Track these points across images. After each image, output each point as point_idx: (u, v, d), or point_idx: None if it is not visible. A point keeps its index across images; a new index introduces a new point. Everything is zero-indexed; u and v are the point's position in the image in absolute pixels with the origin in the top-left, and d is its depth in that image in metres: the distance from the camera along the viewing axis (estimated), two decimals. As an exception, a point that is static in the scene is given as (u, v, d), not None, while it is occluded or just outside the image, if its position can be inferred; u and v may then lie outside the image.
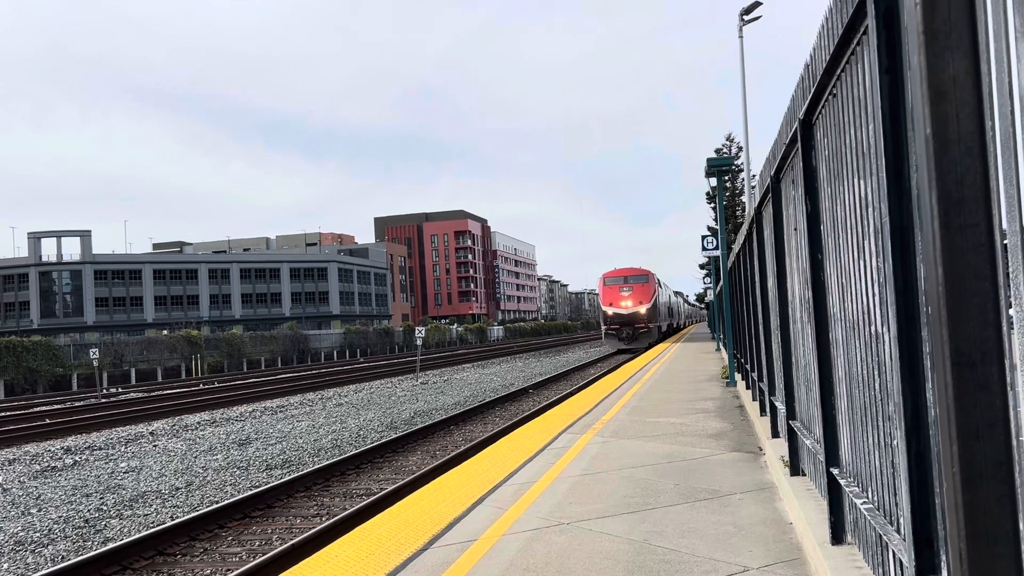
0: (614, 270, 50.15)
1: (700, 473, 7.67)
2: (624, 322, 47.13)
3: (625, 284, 48.29)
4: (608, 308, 48.24)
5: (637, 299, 47.23)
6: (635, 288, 47.88)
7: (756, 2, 23.20)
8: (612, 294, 48.36)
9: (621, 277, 49.00)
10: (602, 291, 49.45)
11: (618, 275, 49.35)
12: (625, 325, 47.08)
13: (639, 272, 49.55)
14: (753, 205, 9.47)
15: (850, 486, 4.08)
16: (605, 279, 49.60)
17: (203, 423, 21.51)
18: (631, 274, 49.25)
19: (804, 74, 4.55)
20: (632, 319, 47.01)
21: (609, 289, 48.91)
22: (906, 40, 2.35)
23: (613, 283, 48.93)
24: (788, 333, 6.64)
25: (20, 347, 50.21)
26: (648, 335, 46.84)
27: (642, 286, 48.04)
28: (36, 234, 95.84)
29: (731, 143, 55.42)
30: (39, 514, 11.07)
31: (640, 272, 49.46)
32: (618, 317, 47.35)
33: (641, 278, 48.71)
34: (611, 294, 48.43)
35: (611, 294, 48.43)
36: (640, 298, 47.24)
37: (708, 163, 17.30)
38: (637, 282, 48.31)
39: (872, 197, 3.23)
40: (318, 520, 9.62)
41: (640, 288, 47.86)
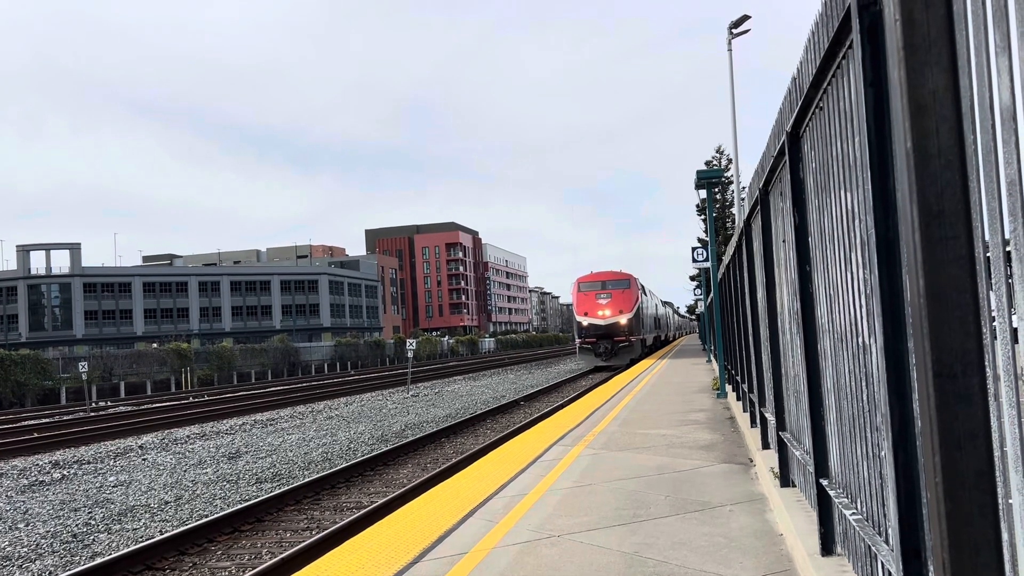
0: (590, 274, 43.53)
1: (691, 485, 7.67)
2: (602, 334, 40.68)
3: (603, 290, 41.72)
4: (583, 318, 41.59)
5: (617, 307, 40.77)
6: (614, 295, 41.30)
7: (744, 16, 23.35)
8: (587, 302, 41.80)
9: (598, 282, 42.35)
10: (576, 298, 42.84)
11: (594, 279, 42.73)
12: (603, 338, 40.64)
13: (619, 276, 42.86)
14: (742, 217, 9.51)
15: (839, 497, 4.09)
16: (580, 284, 42.91)
17: (193, 436, 21.40)
18: (610, 278, 42.58)
19: (791, 87, 4.59)
20: (611, 331, 40.52)
21: (584, 296, 42.23)
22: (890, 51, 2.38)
23: (589, 289, 42.30)
24: (777, 344, 6.66)
25: (8, 360, 49.87)
26: (629, 350, 40.54)
27: (623, 292, 41.48)
28: (25, 247, 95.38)
29: (721, 155, 55.75)
30: (26, 529, 10.99)
31: (620, 276, 42.81)
32: (594, 329, 40.78)
33: (621, 283, 42.10)
34: (586, 302, 41.89)
35: (586, 302, 41.89)
36: (620, 306, 40.79)
37: (698, 175, 17.38)
38: (617, 288, 41.73)
39: (858, 209, 3.25)
40: (308, 534, 9.58)
41: (620, 295, 41.32)
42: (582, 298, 42.02)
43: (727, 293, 15.37)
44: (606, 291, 41.44)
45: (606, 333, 40.44)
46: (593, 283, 42.29)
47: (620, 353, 40.13)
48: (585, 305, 41.51)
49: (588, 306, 41.29)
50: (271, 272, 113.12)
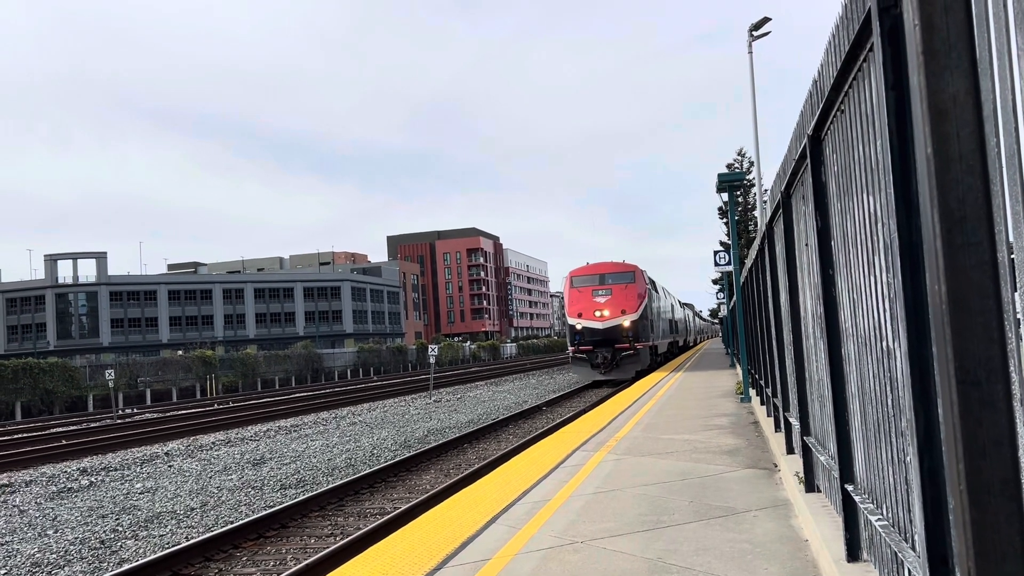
0: (586, 266, 35.57)
1: (715, 490, 7.62)
2: (599, 341, 32.82)
3: (601, 286, 33.87)
4: (576, 320, 33.57)
5: (618, 307, 33.01)
6: (616, 291, 33.50)
7: (765, 18, 23.25)
8: (582, 300, 34.01)
9: (595, 276, 34.44)
10: (568, 296, 34.76)
11: (591, 272, 34.79)
12: (601, 345, 32.80)
13: (621, 268, 34.82)
14: (764, 220, 9.46)
15: (865, 503, 4.05)
16: (572, 279, 34.90)
17: (218, 443, 21.56)
18: (610, 271, 34.56)
19: (812, 90, 4.56)
20: (611, 336, 32.72)
21: (578, 293, 34.33)
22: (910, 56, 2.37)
23: (583, 284, 34.37)
24: (801, 348, 6.62)
25: (37, 369, 50.55)
26: (635, 360, 32.71)
27: (625, 288, 33.60)
28: (53, 256, 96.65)
29: (743, 158, 55.47)
30: (55, 535, 11.11)
31: (623, 268, 34.79)
32: (590, 334, 33.02)
33: (624, 276, 34.11)
34: (580, 300, 34.08)
35: (580, 300, 34.08)
36: (623, 305, 33.02)
37: (719, 178, 17.30)
38: (619, 282, 33.86)
39: (881, 213, 3.23)
40: (332, 540, 9.62)
41: (623, 291, 33.48)
42: (575, 296, 34.26)
43: (750, 297, 15.28)
44: (605, 287, 33.65)
45: (605, 339, 32.73)
46: (589, 277, 34.37)
47: (623, 364, 32.64)
48: (579, 304, 33.88)
49: (583, 305, 33.69)
50: (294, 279, 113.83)
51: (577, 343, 33.40)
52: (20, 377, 49.19)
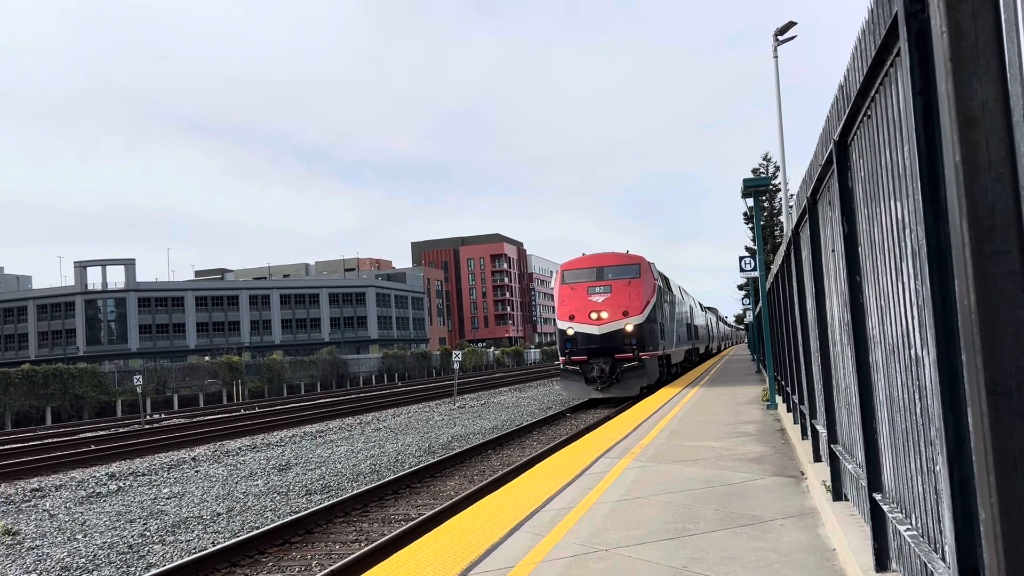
0: (580, 257, 29.27)
1: (741, 498, 7.56)
2: (596, 349, 26.76)
3: (598, 281, 27.64)
4: (567, 324, 27.38)
5: (619, 307, 26.87)
6: (617, 288, 27.28)
7: (790, 22, 23.11)
8: (575, 299, 27.63)
9: (591, 269, 28.12)
10: (559, 294, 28.41)
11: (586, 265, 28.42)
12: (598, 355, 26.70)
13: (624, 259, 28.37)
14: (790, 226, 9.39)
15: (893, 512, 4.00)
16: (564, 273, 28.77)
17: (244, 448, 21.71)
18: (610, 263, 28.24)
19: (838, 95, 4.53)
20: (610, 344, 26.67)
21: (570, 291, 27.94)
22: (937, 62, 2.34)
23: (577, 279, 28.11)
24: (828, 355, 6.56)
25: (67, 374, 51.25)
26: (640, 373, 26.44)
27: (629, 284, 27.36)
28: (82, 263, 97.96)
29: (768, 162, 55.14)
30: (84, 540, 11.24)
31: (626, 259, 28.38)
32: (585, 340, 26.94)
33: (627, 270, 27.82)
34: (573, 299, 27.67)
35: (573, 299, 27.67)
36: (625, 304, 26.87)
37: (744, 183, 17.19)
38: (620, 277, 27.59)
39: (909, 219, 3.19)
40: (357, 546, 9.65)
41: (625, 288, 27.27)
42: (567, 294, 27.89)
43: (776, 303, 15.17)
44: (603, 282, 27.42)
45: (603, 347, 26.63)
46: (584, 271, 28.14)
47: (625, 378, 26.36)
48: (571, 304, 27.49)
49: (576, 305, 27.37)
50: (320, 285, 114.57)
51: (568, 352, 27.00)
52: (50, 382, 49.88)
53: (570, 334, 27.19)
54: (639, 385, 26.50)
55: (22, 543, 11.32)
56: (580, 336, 27.01)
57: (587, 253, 29.47)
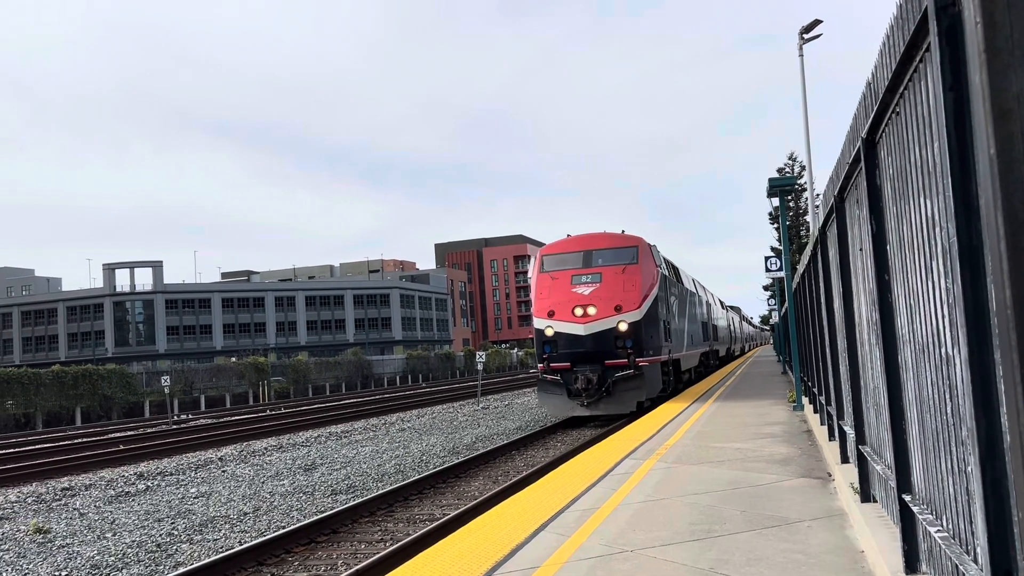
0: (565, 239, 23.37)
1: (767, 499, 7.51)
2: (581, 355, 21.22)
3: (585, 269, 22.05)
4: (545, 322, 21.79)
5: (611, 300, 21.28)
6: (608, 277, 21.67)
7: (816, 20, 22.93)
8: (556, 291, 21.98)
9: (577, 254, 22.52)
10: (536, 285, 22.71)
11: (571, 248, 22.76)
12: (583, 361, 21.19)
13: (618, 241, 22.62)
14: (817, 225, 9.31)
15: (923, 513, 3.95)
16: (543, 259, 23.04)
17: (270, 448, 21.86)
18: (600, 245, 22.56)
19: (866, 92, 4.48)
20: (600, 346, 21.08)
21: (551, 281, 22.28)
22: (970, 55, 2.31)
23: (559, 266, 22.50)
24: (856, 355, 6.49)
25: (96, 375, 51.89)
26: (637, 385, 20.73)
27: (623, 272, 21.65)
28: (110, 265, 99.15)
29: (793, 162, 54.73)
30: (114, 538, 11.36)
31: (620, 241, 22.61)
32: (568, 343, 21.42)
33: (621, 254, 22.21)
34: (555, 291, 22.01)
35: (555, 291, 22.01)
36: (618, 298, 21.30)
37: (770, 183, 17.07)
38: (613, 263, 21.99)
39: (939, 216, 3.15)
40: (382, 546, 9.68)
41: (619, 277, 21.60)
42: (546, 285, 22.16)
43: (802, 303, 15.05)
44: (591, 270, 21.85)
45: (590, 351, 21.05)
46: (568, 256, 22.52)
47: (618, 391, 20.66)
48: (551, 297, 21.82)
49: (556, 299, 21.70)
50: (344, 287, 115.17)
51: (547, 357, 21.33)
52: (80, 383, 50.53)
53: (549, 335, 21.48)
54: (635, 399, 20.56)
55: (53, 541, 11.47)
56: (562, 337, 21.33)
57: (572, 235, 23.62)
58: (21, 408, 47.57)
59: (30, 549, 11.07)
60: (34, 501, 15.32)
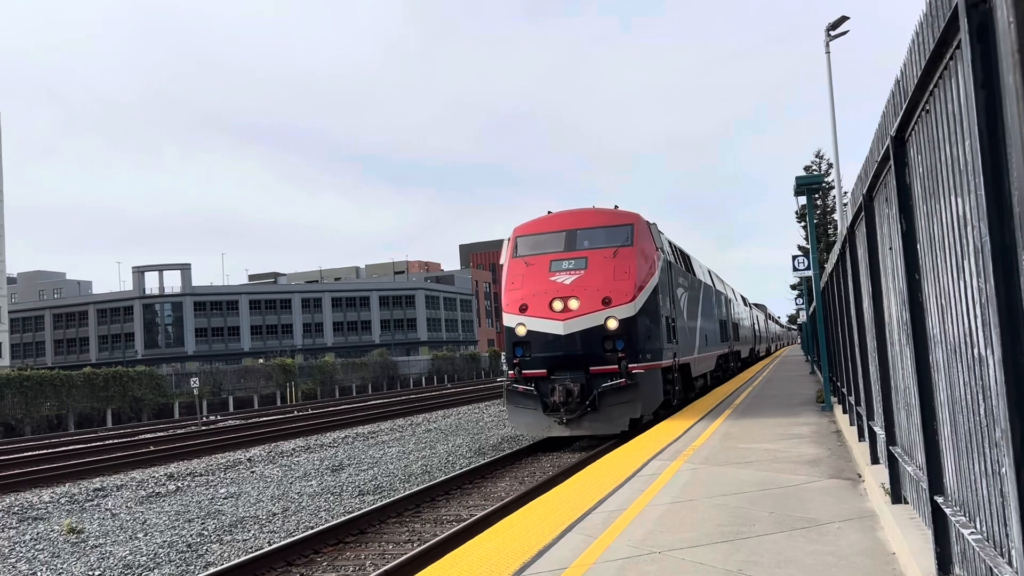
0: (545, 217, 19.21)
1: (796, 501, 7.45)
2: (559, 359, 16.87)
3: (566, 253, 17.80)
4: (517, 318, 17.32)
5: (598, 290, 16.90)
6: (595, 262, 17.33)
7: (842, 17, 22.72)
8: (532, 278, 17.63)
9: (559, 234, 18.30)
10: (508, 271, 18.31)
11: (551, 228, 18.56)
12: (562, 367, 16.87)
13: (609, 219, 18.47)
14: (845, 224, 9.23)
15: (956, 515, 3.91)
16: (518, 241, 18.65)
17: (298, 449, 22.02)
18: (587, 223, 18.36)
19: (895, 90, 4.44)
20: (583, 348, 16.71)
21: (524, 268, 17.94)
22: (1003, 55, 2.28)
23: (536, 249, 18.22)
24: (886, 355, 6.43)
25: (126, 377, 52.57)
26: (630, 398, 16.33)
27: (615, 257, 17.26)
28: (140, 268, 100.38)
29: (820, 160, 54.28)
30: (145, 538, 11.50)
31: (612, 219, 18.46)
32: (543, 345, 17.00)
33: (614, 235, 17.87)
34: (530, 278, 17.67)
35: (530, 278, 17.67)
36: (607, 288, 16.88)
37: (797, 181, 16.94)
38: (601, 244, 17.75)
39: (971, 215, 3.12)
40: (409, 546, 9.72)
41: (609, 262, 17.21)
42: (520, 272, 17.89)
43: (830, 302, 14.92)
44: (575, 254, 17.64)
45: (571, 355, 16.80)
46: (547, 237, 18.31)
47: (606, 405, 16.47)
48: (525, 287, 17.55)
49: (531, 289, 17.41)
50: (370, 288, 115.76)
51: (518, 363, 16.95)
52: (111, 385, 51.21)
53: (521, 334, 16.93)
54: (627, 415, 16.21)
55: (86, 541, 11.63)
56: (536, 337, 16.79)
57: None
58: (54, 410, 48.27)
59: (64, 549, 11.23)
60: (67, 501, 15.54)
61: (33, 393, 47.00)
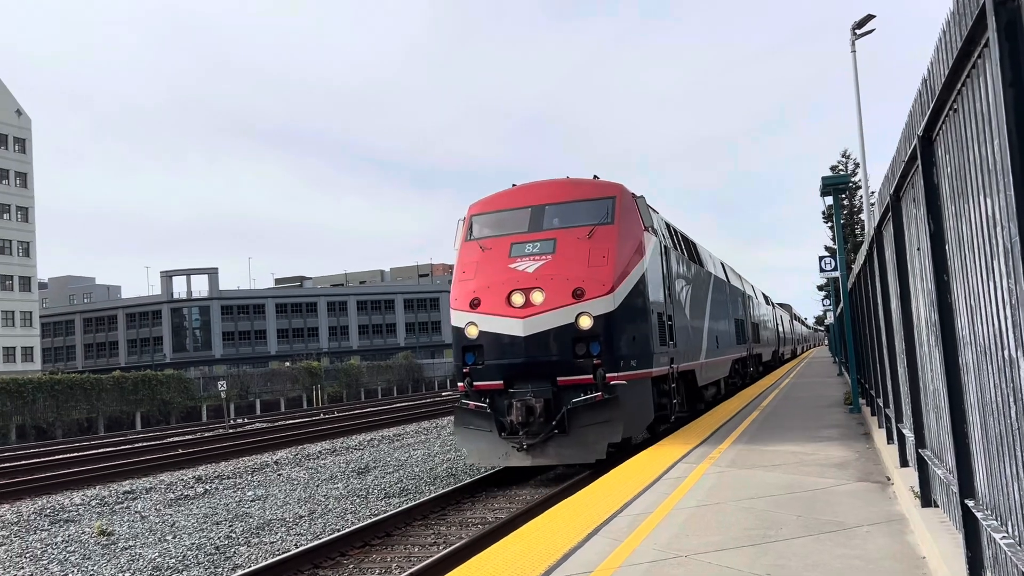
0: (508, 190, 15.08)
1: (824, 504, 7.38)
2: (520, 367, 12.86)
3: (532, 234, 13.74)
4: (467, 316, 13.32)
5: (568, 279, 12.85)
6: (565, 244, 13.32)
7: (868, 15, 22.52)
8: (488, 267, 13.61)
9: (523, 211, 14.20)
10: (460, 258, 14.33)
11: (514, 203, 14.49)
12: (523, 377, 12.89)
13: (586, 192, 14.19)
14: (872, 224, 9.15)
15: (987, 519, 3.85)
16: (473, 220, 14.62)
17: (324, 452, 22.14)
18: (558, 199, 14.17)
19: (921, 89, 4.40)
20: (548, 353, 12.76)
21: (481, 253, 13.93)
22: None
23: (495, 230, 14.28)
24: (914, 357, 6.36)
25: (155, 380, 53.19)
26: (611, 416, 12.45)
27: (591, 238, 13.22)
28: (168, 273, 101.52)
29: (847, 159, 53.85)
30: (174, 541, 11.62)
31: (590, 191, 14.17)
32: (498, 349, 13.02)
33: (590, 211, 13.72)
34: (484, 266, 13.67)
35: (484, 266, 13.67)
36: (580, 276, 12.84)
37: (823, 181, 16.80)
38: (575, 223, 13.62)
39: (1000, 215, 3.08)
40: (435, 549, 9.74)
41: (583, 245, 13.18)
42: (473, 258, 14.12)
43: (858, 303, 14.78)
44: (540, 235, 13.80)
45: (533, 363, 12.90)
46: (509, 214, 14.50)
47: (578, 426, 12.62)
48: (477, 278, 13.70)
49: (484, 280, 13.55)
50: (395, 291, 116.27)
51: (469, 372, 13.41)
52: (140, 388, 51.83)
53: (472, 336, 13.28)
54: (604, 439, 12.55)
55: (116, 543, 11.77)
56: (490, 340, 13.13)
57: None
58: (84, 413, 48.91)
59: (94, 551, 11.38)
60: (98, 504, 15.73)
61: (64, 397, 47.66)
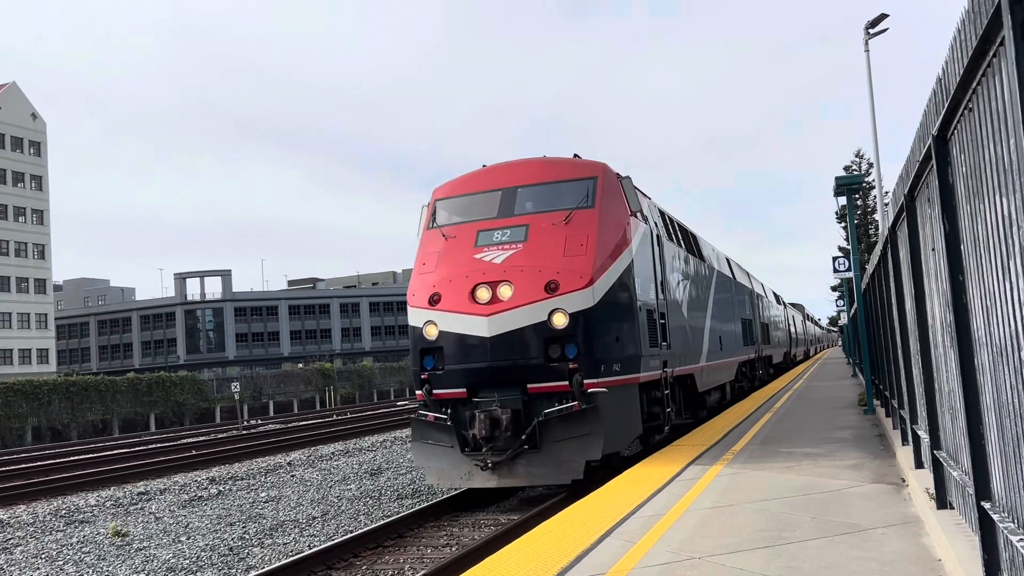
0: (477, 171, 13.20)
1: (838, 506, 7.34)
2: (486, 374, 11.12)
3: (502, 220, 11.94)
4: (424, 315, 11.72)
5: (540, 271, 11.07)
6: (538, 231, 11.53)
7: (882, 15, 22.41)
8: (451, 257, 11.86)
9: (491, 193, 12.45)
10: (421, 248, 12.56)
11: (483, 186, 12.73)
12: (489, 385, 11.18)
13: (564, 172, 12.34)
14: (887, 225, 9.10)
15: (1004, 522, 3.82)
16: (437, 206, 12.88)
17: (337, 453, 22.19)
18: (532, 180, 12.35)
19: (936, 88, 4.37)
20: (517, 356, 10.95)
21: (444, 242, 12.17)
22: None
23: (461, 218, 12.60)
24: (929, 358, 6.32)
25: (168, 382, 53.48)
26: (589, 429, 10.64)
27: (568, 223, 11.45)
28: (182, 274, 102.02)
29: (860, 159, 53.62)
30: (188, 542, 11.66)
31: (568, 172, 12.31)
32: (461, 352, 11.29)
33: (567, 193, 11.94)
34: (447, 258, 11.90)
35: (447, 258, 11.90)
36: (554, 267, 11.06)
37: (837, 182, 16.71)
38: (551, 207, 11.86)
39: (1016, 215, 3.06)
40: (448, 550, 9.74)
41: (559, 232, 11.40)
42: (434, 248, 12.30)
43: (872, 304, 14.71)
44: (512, 221, 11.91)
45: (500, 368, 11.07)
46: (476, 198, 12.74)
47: (550, 440, 10.83)
48: (439, 271, 11.91)
49: (446, 272, 11.77)
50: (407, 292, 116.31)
51: (428, 378, 11.72)
52: (154, 390, 52.13)
53: (430, 336, 11.70)
54: (581, 456, 10.86)
55: (131, 544, 11.83)
56: (452, 341, 11.48)
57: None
58: (99, 414, 49.21)
59: (109, 552, 11.44)
60: (112, 505, 15.82)
61: (79, 398, 47.97)
